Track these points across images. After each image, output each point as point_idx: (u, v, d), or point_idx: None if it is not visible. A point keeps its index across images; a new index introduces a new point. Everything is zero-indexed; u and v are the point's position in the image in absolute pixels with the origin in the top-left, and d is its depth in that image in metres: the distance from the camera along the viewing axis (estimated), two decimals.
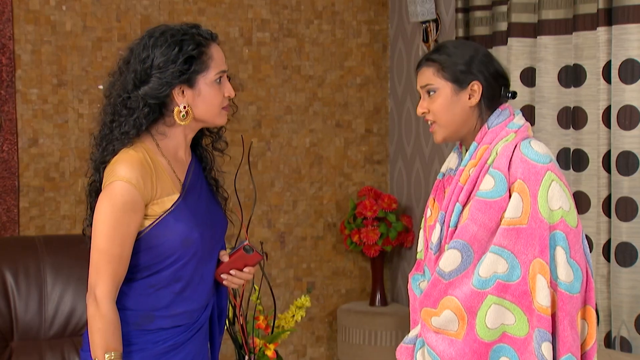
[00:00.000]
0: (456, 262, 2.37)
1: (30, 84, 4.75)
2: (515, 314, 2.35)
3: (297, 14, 5.17)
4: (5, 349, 3.54)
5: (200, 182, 2.61)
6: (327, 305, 5.30)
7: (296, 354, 5.25)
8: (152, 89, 2.45)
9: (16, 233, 4.76)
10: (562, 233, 2.36)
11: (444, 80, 2.46)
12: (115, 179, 2.42)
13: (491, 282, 2.33)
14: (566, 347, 2.35)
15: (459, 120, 2.47)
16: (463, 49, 2.50)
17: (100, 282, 2.41)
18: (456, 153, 2.60)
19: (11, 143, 4.72)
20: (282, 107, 5.16)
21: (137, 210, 2.43)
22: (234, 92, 2.56)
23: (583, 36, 3.70)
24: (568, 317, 2.35)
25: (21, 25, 4.71)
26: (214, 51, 2.51)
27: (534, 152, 2.38)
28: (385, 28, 5.35)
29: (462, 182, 2.44)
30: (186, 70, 2.45)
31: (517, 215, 2.34)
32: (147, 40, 2.48)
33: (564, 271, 2.35)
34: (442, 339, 2.38)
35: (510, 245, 2.34)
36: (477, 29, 4.31)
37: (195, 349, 2.57)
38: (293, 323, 3.73)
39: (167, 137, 2.53)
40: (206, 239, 2.53)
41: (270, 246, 5.16)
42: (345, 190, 5.30)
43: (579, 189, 3.74)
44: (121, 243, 2.41)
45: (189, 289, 2.52)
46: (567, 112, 3.82)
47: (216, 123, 2.57)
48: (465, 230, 2.37)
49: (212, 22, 5.01)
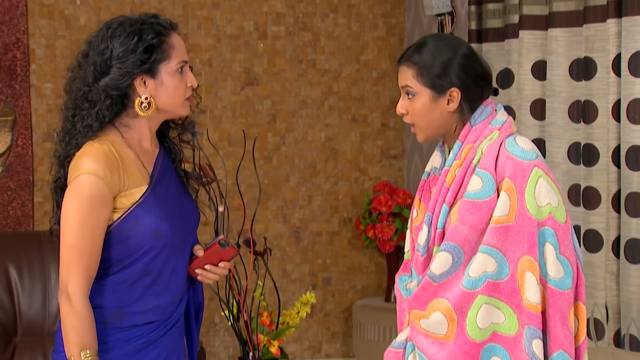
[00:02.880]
0: (447, 265, 2.34)
1: (45, 78, 4.76)
2: (505, 313, 2.32)
3: (313, 7, 5.13)
4: (9, 344, 3.55)
5: (169, 174, 2.57)
6: (342, 301, 5.26)
7: (311, 349, 5.22)
8: (112, 80, 2.41)
9: (31, 227, 4.77)
10: (551, 229, 2.32)
11: (422, 85, 2.40)
12: (81, 173, 2.38)
13: (481, 281, 2.30)
14: (557, 344, 2.31)
15: (438, 124, 2.43)
16: (442, 52, 2.41)
17: (72, 279, 2.37)
18: (439, 151, 2.55)
19: (25, 137, 4.74)
20: (298, 101, 5.13)
21: (106, 203, 2.39)
22: (197, 83, 2.52)
23: (594, 28, 3.63)
24: (559, 314, 2.31)
25: (35, 20, 4.72)
26: (174, 40, 2.46)
27: (520, 149, 2.34)
28: (402, 21, 5.29)
29: (448, 183, 2.40)
30: (147, 60, 2.41)
31: (504, 214, 2.31)
32: (105, 32, 2.44)
33: (553, 267, 2.32)
34: (432, 342, 2.35)
35: (499, 244, 2.31)
36: (490, 21, 4.25)
37: (170, 346, 2.54)
38: (298, 319, 3.70)
39: (131, 129, 2.50)
40: (177, 230, 2.49)
41: (286, 241, 5.13)
42: (361, 185, 5.26)
43: (589, 184, 3.67)
44: (91, 237, 2.38)
45: (160, 283, 2.48)
46: (578, 106, 3.75)
47: (179, 114, 2.53)
48: (456, 232, 2.34)
49: (226, 16, 4.99)
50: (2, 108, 4.66)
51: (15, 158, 4.72)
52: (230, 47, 5.00)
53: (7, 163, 4.70)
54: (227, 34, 5.00)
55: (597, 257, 3.66)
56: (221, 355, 5.09)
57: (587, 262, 3.69)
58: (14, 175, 4.72)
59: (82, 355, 2.35)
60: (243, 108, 5.04)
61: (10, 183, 4.72)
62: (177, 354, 2.58)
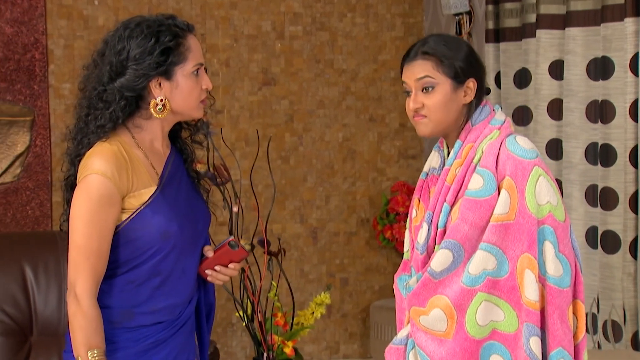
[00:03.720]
0: (447, 262, 2.34)
1: (63, 78, 4.77)
2: (504, 310, 2.33)
3: (330, 7, 5.12)
4: (25, 344, 3.56)
5: (180, 175, 2.56)
6: (360, 301, 5.24)
7: (329, 350, 5.21)
8: (128, 81, 2.40)
9: (49, 227, 4.79)
10: (551, 227, 2.33)
11: (443, 75, 2.39)
12: (90, 173, 2.38)
13: (481, 279, 2.31)
14: (557, 341, 2.32)
15: (452, 117, 2.42)
16: (457, 44, 2.42)
17: (80, 279, 2.37)
18: (437, 151, 2.54)
19: (44, 138, 4.75)
20: (315, 101, 5.12)
21: (114, 204, 2.39)
22: (212, 85, 2.51)
23: (611, 27, 3.60)
24: (558, 311, 2.32)
25: (54, 20, 4.74)
26: (191, 42, 2.45)
27: (520, 148, 2.35)
28: (420, 21, 5.27)
29: (448, 182, 2.40)
30: (163, 62, 2.40)
31: (505, 212, 2.31)
32: (122, 32, 2.43)
33: (552, 265, 2.32)
34: (431, 339, 2.36)
35: (499, 241, 2.31)
36: (507, 21, 4.22)
37: (179, 346, 2.53)
38: (312, 320, 3.69)
39: (144, 130, 2.49)
40: (186, 231, 2.48)
41: (303, 242, 5.13)
42: (379, 185, 5.24)
43: (607, 184, 3.64)
44: (99, 238, 2.37)
45: (169, 284, 2.48)
46: (595, 106, 3.72)
47: (193, 116, 2.52)
48: (457, 230, 2.34)
49: (244, 16, 4.99)
50: (21, 108, 4.68)
51: (34, 158, 4.73)
52: (247, 47, 5.00)
53: (25, 163, 4.72)
54: (245, 34, 5.00)
55: (614, 259, 3.62)
56: (238, 356, 5.09)
57: (605, 264, 3.66)
58: (32, 176, 4.73)
59: (90, 355, 2.35)
60: (260, 108, 5.04)
61: (29, 183, 4.74)
62: (186, 354, 2.57)
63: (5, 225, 4.67)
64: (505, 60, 4.21)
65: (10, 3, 4.61)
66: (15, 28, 4.65)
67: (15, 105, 4.66)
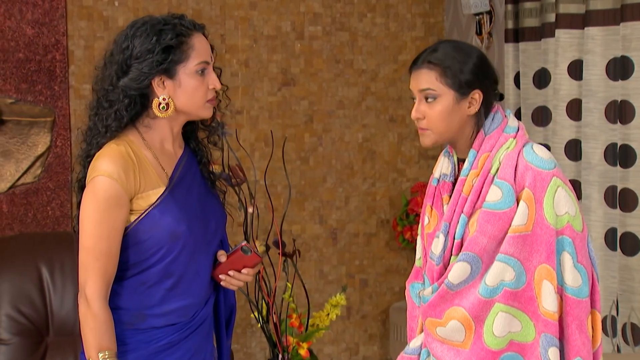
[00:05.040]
0: (465, 274, 2.33)
1: (83, 79, 4.78)
2: (521, 321, 2.30)
3: (350, 7, 5.10)
4: (41, 344, 3.57)
5: (192, 175, 2.55)
6: (380, 303, 5.22)
7: (348, 352, 5.19)
8: (131, 80, 2.41)
9: (69, 228, 4.80)
10: (569, 238, 2.31)
11: (446, 87, 2.36)
12: (97, 174, 2.39)
13: (498, 290, 2.29)
14: (575, 351, 2.31)
15: (455, 129, 2.39)
16: (465, 53, 2.38)
17: (90, 281, 2.38)
18: (447, 157, 2.51)
19: (64, 138, 4.77)
20: (335, 101, 5.10)
21: (122, 205, 2.39)
22: (220, 85, 2.49)
23: (631, 27, 3.56)
24: (576, 321, 2.30)
25: (74, 21, 4.75)
26: (195, 41, 2.44)
27: (539, 159, 2.33)
28: (441, 21, 5.24)
29: (465, 193, 2.38)
30: (164, 60, 2.40)
31: (523, 223, 2.30)
32: (128, 31, 2.45)
33: (570, 276, 2.30)
34: (447, 349, 2.33)
35: (516, 252, 2.29)
36: (527, 20, 4.18)
37: (193, 348, 2.52)
38: (328, 322, 3.68)
39: (152, 130, 2.49)
40: (197, 232, 2.46)
41: (322, 242, 5.11)
42: (399, 186, 5.21)
43: (626, 185, 3.59)
44: (108, 239, 2.37)
45: (182, 285, 2.47)
46: (615, 106, 3.67)
47: (200, 115, 2.50)
48: (475, 242, 2.32)
49: (263, 17, 4.98)
50: (42, 109, 4.70)
51: (55, 159, 4.75)
52: (267, 47, 4.99)
53: (46, 164, 4.73)
54: (264, 34, 4.99)
55: (633, 261, 3.58)
56: (258, 357, 5.08)
57: (624, 266, 3.62)
58: (53, 176, 4.75)
59: (100, 356, 2.35)
60: (280, 109, 5.03)
61: (50, 183, 4.76)
62: (202, 356, 2.55)
63: (26, 225, 4.69)
64: (525, 60, 4.17)
65: (32, 4, 4.63)
66: (36, 29, 4.67)
67: (36, 106, 4.68)
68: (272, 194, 4.82)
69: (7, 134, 4.61)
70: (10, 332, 3.50)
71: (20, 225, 4.67)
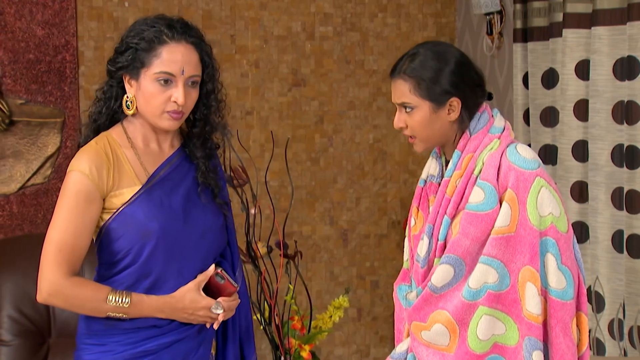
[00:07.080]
0: (448, 277, 2.31)
1: (93, 80, 4.79)
2: (505, 323, 2.27)
3: (361, 7, 5.08)
4: (43, 346, 3.56)
5: (181, 176, 2.53)
6: (390, 304, 5.18)
7: (359, 353, 5.16)
8: (109, 77, 2.51)
9: None
10: (553, 239, 2.28)
11: (421, 99, 2.34)
12: (70, 169, 2.45)
13: (482, 292, 2.26)
14: (559, 355, 2.28)
15: (439, 134, 2.38)
16: (442, 60, 2.36)
17: (49, 268, 2.40)
18: (435, 158, 2.50)
19: (74, 139, 4.77)
20: (345, 102, 5.08)
21: (92, 201, 2.40)
22: (182, 100, 2.43)
23: (638, 26, 3.51)
24: (560, 324, 2.26)
25: (84, 22, 4.76)
26: (165, 51, 2.42)
27: (522, 159, 2.30)
28: (452, 21, 5.20)
29: (448, 194, 2.35)
30: (131, 61, 2.44)
31: (505, 224, 2.27)
32: (126, 30, 2.55)
33: (554, 278, 2.27)
34: (433, 353, 2.31)
35: (499, 254, 2.26)
36: (535, 20, 4.14)
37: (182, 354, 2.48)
38: (331, 324, 3.66)
39: (134, 126, 2.53)
40: (175, 233, 2.44)
41: (333, 244, 5.09)
42: (410, 187, 5.18)
43: (633, 187, 3.55)
44: (74, 232, 2.39)
45: (163, 285, 2.44)
46: (621, 107, 3.63)
47: (158, 125, 2.48)
48: (458, 244, 2.30)
49: (274, 17, 4.97)
50: (52, 110, 4.71)
51: (64, 159, 4.76)
52: (277, 48, 4.98)
53: (56, 164, 4.75)
54: (275, 34, 4.98)
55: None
56: (268, 359, 5.06)
57: (631, 268, 3.57)
58: (63, 177, 4.72)
59: (109, 299, 2.38)
60: (290, 109, 5.01)
61: (60, 184, 4.74)
62: None
63: (36, 226, 4.70)
64: (533, 60, 4.13)
65: (42, 5, 4.64)
66: (47, 30, 4.68)
67: (46, 106, 4.69)
68: (282, 195, 4.82)
69: (17, 134, 4.63)
70: (12, 333, 3.50)
71: (30, 225, 4.69)
